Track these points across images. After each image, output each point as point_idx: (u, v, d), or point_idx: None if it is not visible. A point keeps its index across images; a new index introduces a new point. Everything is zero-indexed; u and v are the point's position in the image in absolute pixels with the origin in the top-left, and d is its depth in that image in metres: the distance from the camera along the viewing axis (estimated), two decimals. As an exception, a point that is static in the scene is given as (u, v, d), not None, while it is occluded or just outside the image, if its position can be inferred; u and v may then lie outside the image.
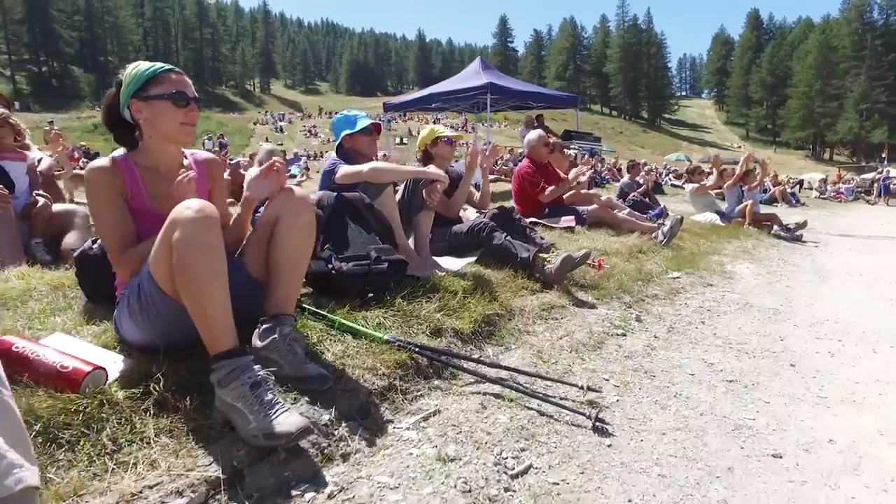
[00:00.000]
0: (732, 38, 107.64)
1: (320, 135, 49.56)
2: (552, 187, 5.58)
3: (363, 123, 3.35)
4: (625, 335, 3.03)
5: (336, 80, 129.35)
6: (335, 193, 2.90)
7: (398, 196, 3.59)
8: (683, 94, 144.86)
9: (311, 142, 47.51)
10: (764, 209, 9.68)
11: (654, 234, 5.52)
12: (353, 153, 3.36)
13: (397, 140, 44.09)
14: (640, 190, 9.86)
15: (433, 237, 3.94)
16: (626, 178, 10.88)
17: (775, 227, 7.91)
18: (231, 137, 47.88)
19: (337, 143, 3.41)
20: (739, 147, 69.04)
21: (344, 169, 3.07)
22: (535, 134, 5.85)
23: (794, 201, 16.88)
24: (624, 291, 3.69)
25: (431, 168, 3.32)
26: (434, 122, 53.17)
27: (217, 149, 23.83)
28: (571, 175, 5.65)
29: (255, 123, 59.98)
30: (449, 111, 18.54)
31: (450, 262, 3.64)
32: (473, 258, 3.72)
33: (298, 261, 2.01)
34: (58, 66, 77.41)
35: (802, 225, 8.14)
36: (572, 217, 5.56)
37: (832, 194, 23.12)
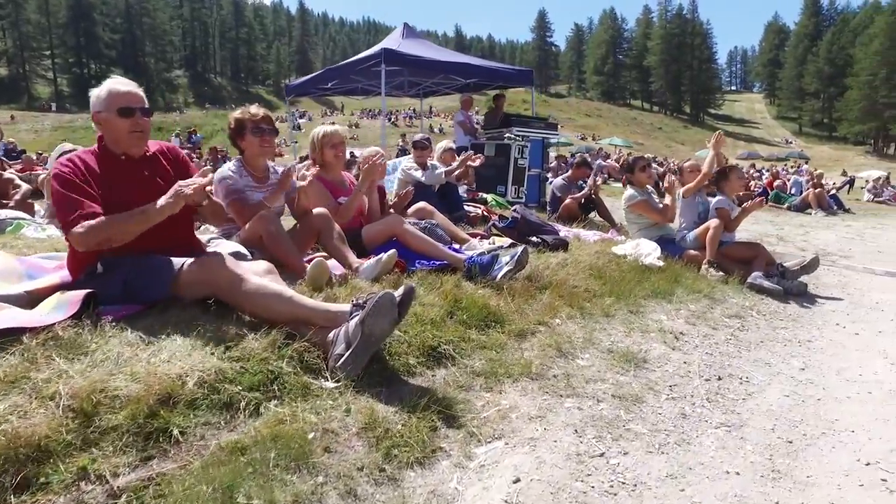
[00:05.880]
0: (787, 27, 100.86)
1: (339, 133, 47.91)
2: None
3: None
4: None
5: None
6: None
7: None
8: (734, 88, 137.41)
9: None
10: (754, 227, 6.45)
11: (331, 355, 2.14)
12: None
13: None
14: (578, 196, 7.24)
15: None
16: (559, 179, 7.85)
17: (754, 273, 4.59)
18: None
19: None
20: (790, 143, 64.04)
21: None
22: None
23: (834, 207, 13.27)
24: None
25: None
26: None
27: (188, 144, 22.44)
28: (172, 191, 2.20)
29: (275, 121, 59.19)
30: (355, 96, 13.37)
31: None
32: None
33: None
34: (99, 68, 79.30)
35: (809, 266, 4.73)
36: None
37: (890, 197, 17.87)
